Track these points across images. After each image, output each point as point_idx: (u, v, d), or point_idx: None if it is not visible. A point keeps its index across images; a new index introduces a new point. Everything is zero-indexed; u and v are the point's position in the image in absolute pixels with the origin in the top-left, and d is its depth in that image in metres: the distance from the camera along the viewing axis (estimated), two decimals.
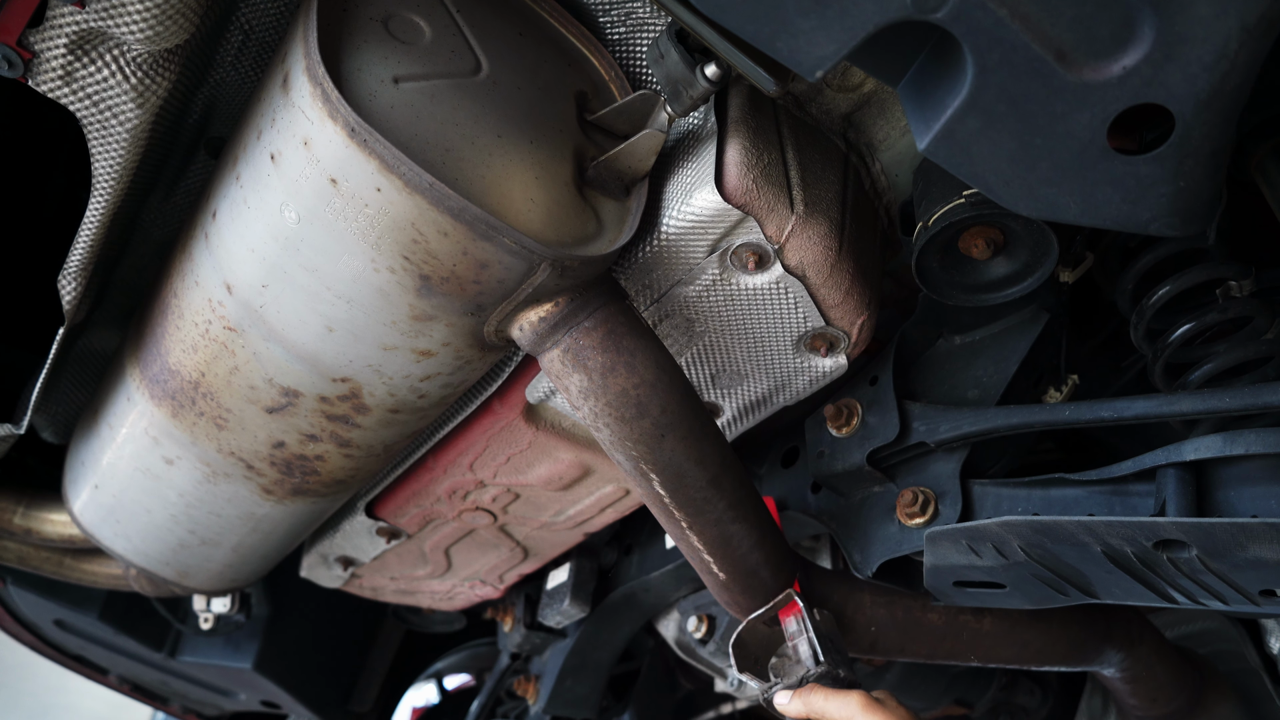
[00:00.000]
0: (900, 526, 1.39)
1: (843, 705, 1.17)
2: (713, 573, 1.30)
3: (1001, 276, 1.30)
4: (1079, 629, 1.58)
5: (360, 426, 1.34)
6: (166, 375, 1.36)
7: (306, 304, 1.14)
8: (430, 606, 2.18)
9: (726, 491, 1.21)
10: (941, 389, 1.45)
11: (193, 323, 1.27)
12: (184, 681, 2.56)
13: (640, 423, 1.14)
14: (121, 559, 1.75)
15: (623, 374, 1.12)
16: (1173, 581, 1.18)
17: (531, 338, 1.15)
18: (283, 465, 1.44)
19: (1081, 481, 1.25)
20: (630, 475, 1.20)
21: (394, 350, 1.19)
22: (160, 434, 1.45)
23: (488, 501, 1.72)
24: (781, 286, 1.24)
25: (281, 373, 1.25)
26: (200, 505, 1.57)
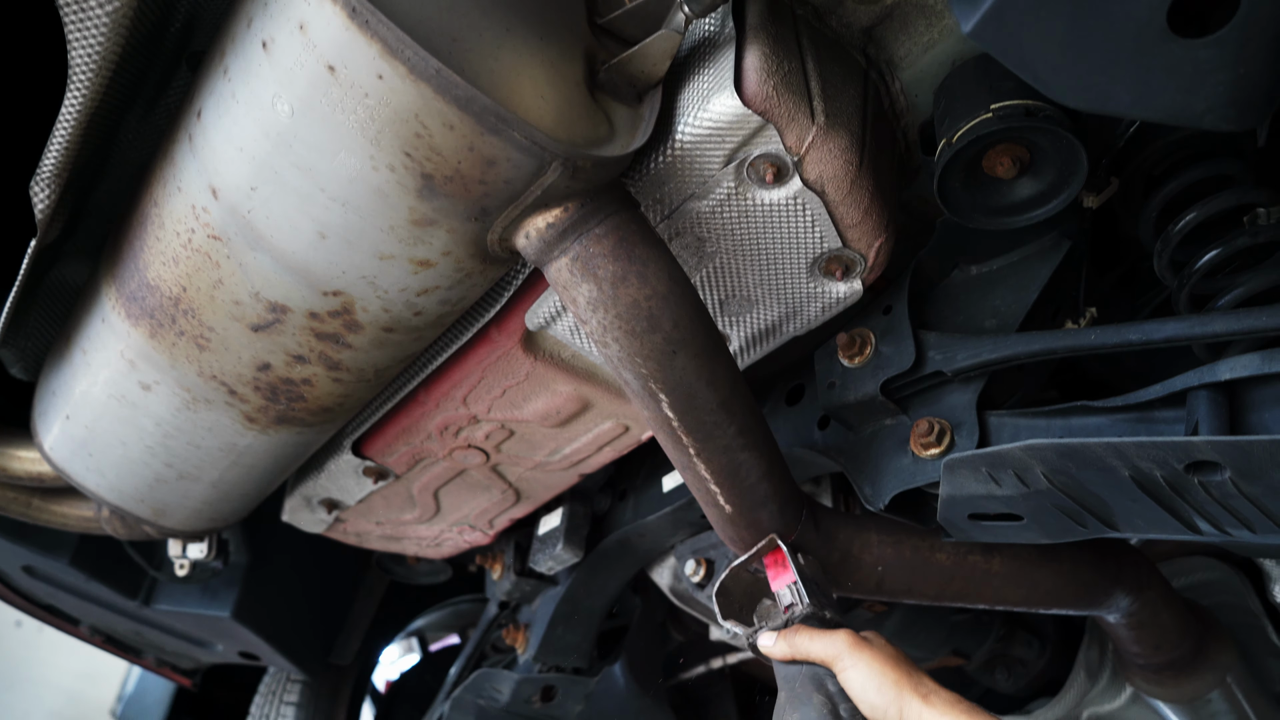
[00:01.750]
0: (914, 458, 1.35)
1: (829, 644, 1.13)
2: (718, 505, 1.25)
3: (1026, 198, 1.25)
4: (1089, 571, 1.55)
5: (351, 347, 1.27)
6: (144, 291, 1.28)
7: (298, 208, 1.07)
8: (417, 554, 2.12)
9: (737, 416, 1.16)
10: (957, 320, 1.40)
11: (174, 232, 1.19)
12: (159, 632, 2.48)
13: (651, 337, 1.08)
14: (95, 496, 1.67)
15: (634, 284, 1.06)
16: (1201, 509, 1.14)
17: (538, 246, 1.08)
18: (267, 390, 1.37)
19: (1105, 409, 1.21)
20: (637, 397, 1.14)
21: (390, 260, 1.12)
22: (137, 357, 1.37)
23: (480, 439, 1.66)
24: (799, 202, 1.19)
25: (269, 285, 1.18)
26: (178, 435, 1.49)
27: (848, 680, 1.10)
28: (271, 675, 2.93)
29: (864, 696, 1.07)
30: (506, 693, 2.12)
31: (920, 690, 1.05)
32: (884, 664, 1.09)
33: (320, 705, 2.80)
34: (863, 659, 1.10)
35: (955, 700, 1.05)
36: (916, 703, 1.04)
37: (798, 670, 1.15)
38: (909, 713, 1.04)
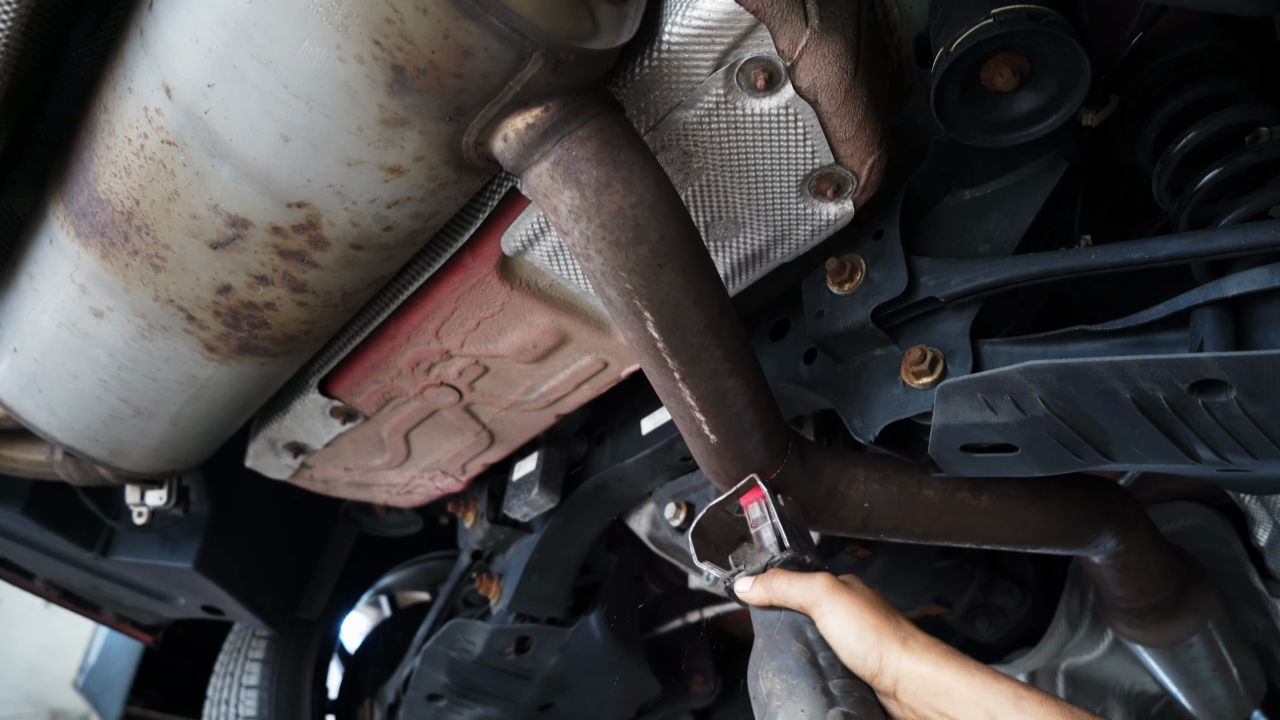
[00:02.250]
0: (905, 388, 1.30)
1: (807, 588, 1.08)
2: (703, 435, 1.20)
3: (1026, 112, 1.20)
4: (1078, 509, 1.52)
5: (317, 266, 1.20)
6: (95, 207, 1.20)
7: (259, 106, 0.99)
8: (387, 502, 2.05)
9: (724, 339, 1.10)
10: (950, 246, 1.35)
11: (125, 138, 1.11)
12: (118, 585, 2.40)
13: (637, 249, 1.02)
14: (46, 435, 1.58)
15: (619, 191, 1.00)
16: (1203, 433, 1.10)
17: (517, 149, 1.01)
18: (228, 315, 1.29)
19: (1104, 332, 1.17)
20: (621, 316, 1.08)
21: (359, 166, 1.05)
22: (88, 280, 1.29)
23: (453, 376, 1.59)
24: (791, 113, 1.13)
25: (228, 196, 1.11)
26: (134, 367, 1.41)
27: (826, 626, 1.05)
28: (236, 632, 2.86)
29: (843, 642, 1.03)
30: (480, 644, 2.06)
31: (899, 634, 1.02)
32: (863, 608, 1.05)
33: (286, 661, 2.73)
34: (841, 603, 1.05)
35: (934, 643, 1.01)
36: (896, 647, 1.00)
37: (775, 616, 1.10)
38: (888, 658, 1.00)
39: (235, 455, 1.95)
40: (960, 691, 0.96)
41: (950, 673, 0.97)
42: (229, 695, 2.69)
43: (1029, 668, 2.21)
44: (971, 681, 0.96)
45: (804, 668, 1.01)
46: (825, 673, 1.00)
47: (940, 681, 0.97)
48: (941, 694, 0.96)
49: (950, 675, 0.97)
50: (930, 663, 0.99)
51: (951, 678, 0.97)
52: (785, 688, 0.99)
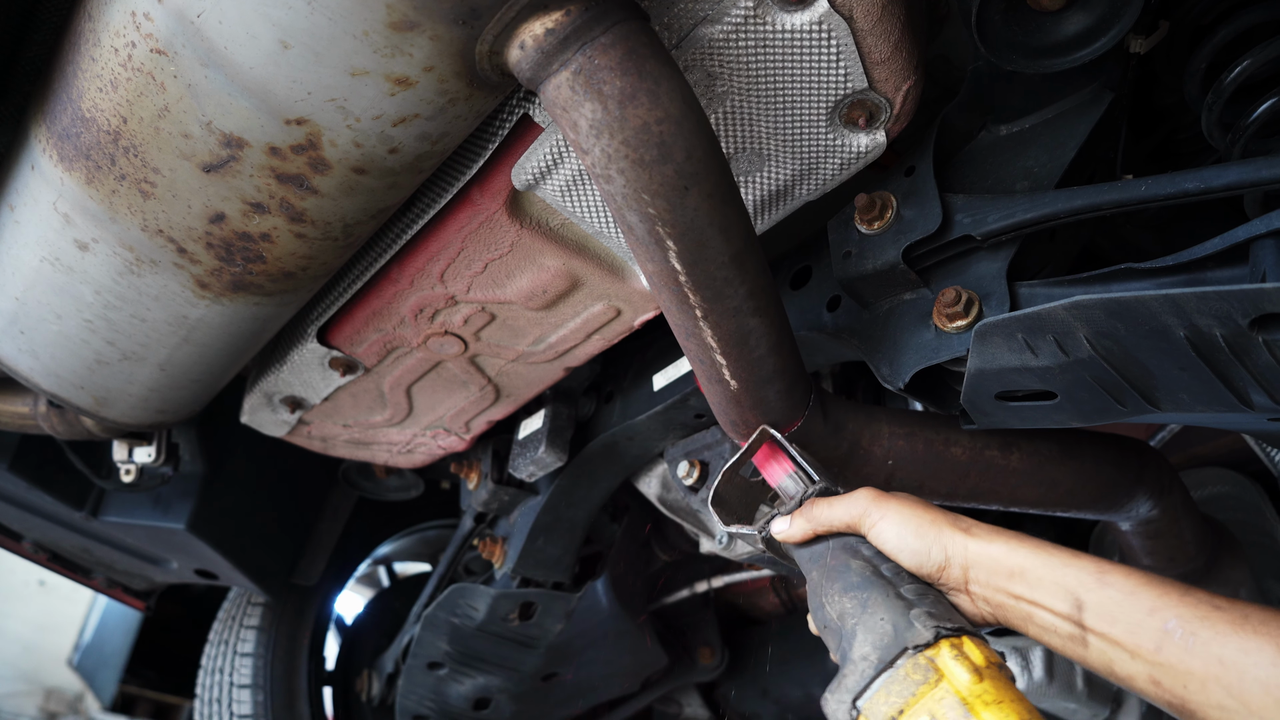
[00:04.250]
0: (936, 332, 1.23)
1: (851, 505, 1.03)
2: (723, 380, 1.13)
3: (1073, 34, 1.12)
4: (1111, 470, 1.45)
5: (317, 192, 1.13)
6: (79, 126, 1.12)
7: (256, 7, 0.91)
8: (387, 462, 1.98)
9: (749, 274, 1.03)
10: (985, 184, 1.28)
11: (111, 49, 1.03)
12: (108, 548, 2.33)
13: (662, 169, 0.94)
14: (28, 381, 1.51)
15: (645, 104, 0.92)
16: (1260, 375, 1.03)
17: (535, 58, 0.94)
18: (221, 247, 1.22)
19: (1153, 270, 1.10)
20: (641, 245, 1.00)
21: (364, 77, 0.97)
22: (72, 208, 1.21)
23: (458, 324, 1.52)
24: (824, 29, 1.05)
25: (223, 112, 1.03)
26: (121, 305, 1.34)
27: (880, 534, 0.99)
28: (232, 599, 2.79)
29: (902, 544, 0.97)
30: (482, 610, 2.00)
31: (960, 524, 0.96)
32: (915, 507, 0.99)
33: (283, 629, 2.67)
34: (891, 508, 1.00)
35: (999, 529, 0.95)
36: (959, 536, 0.94)
37: (824, 546, 1.03)
38: (953, 547, 0.94)
39: (230, 412, 1.88)
40: (1036, 571, 0.89)
41: (1025, 552, 0.91)
42: (223, 663, 2.63)
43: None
44: (1049, 560, 0.89)
45: (870, 580, 0.95)
46: (893, 580, 0.94)
47: (1014, 561, 0.90)
48: (1016, 575, 0.90)
49: (1025, 555, 0.90)
50: (1001, 544, 0.92)
51: (1026, 557, 0.90)
52: (856, 603, 0.92)
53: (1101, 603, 0.85)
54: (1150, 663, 0.81)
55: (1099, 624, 0.85)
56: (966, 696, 0.78)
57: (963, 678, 0.80)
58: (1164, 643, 0.80)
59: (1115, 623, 0.84)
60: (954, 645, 0.84)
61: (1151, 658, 0.81)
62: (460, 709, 2.28)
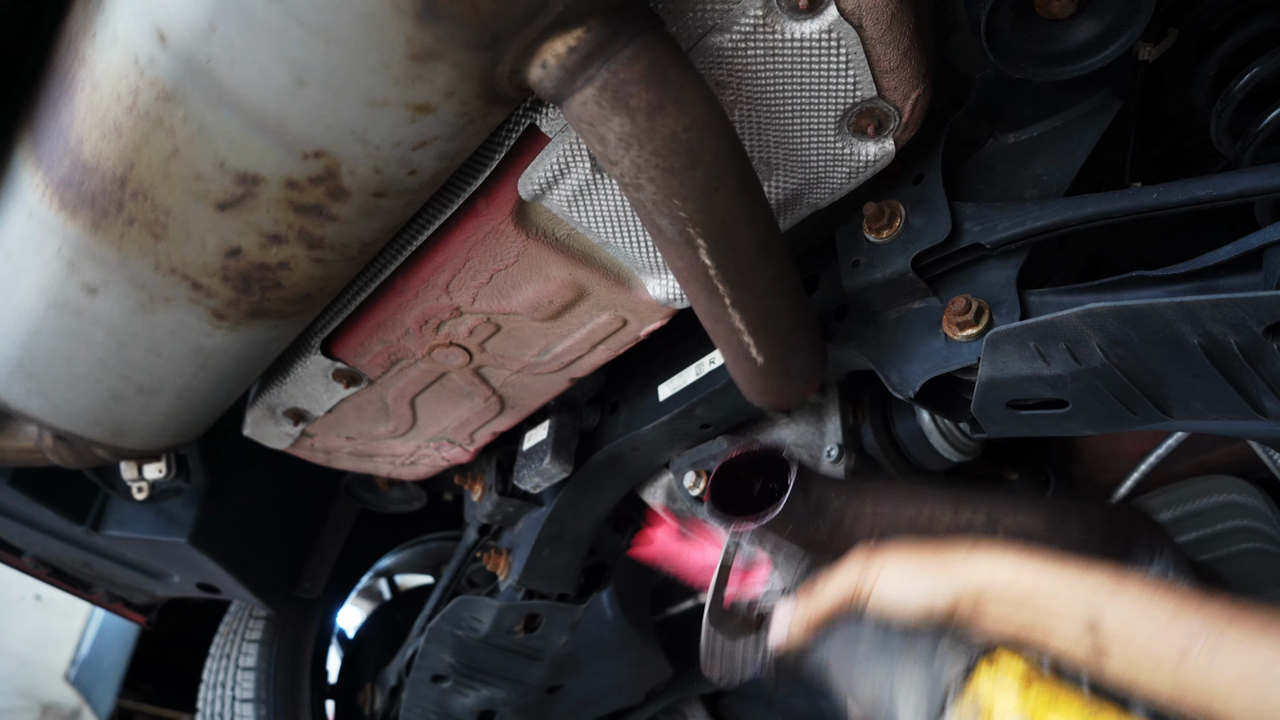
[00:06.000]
0: (946, 341, 1.23)
1: (847, 568, 1.01)
2: (750, 358, 1.17)
3: (1082, 42, 1.12)
4: (1098, 540, 1.42)
5: (336, 219, 1.11)
6: (81, 174, 1.09)
7: (270, 48, 0.90)
8: (390, 474, 1.97)
9: (774, 259, 1.05)
10: (993, 192, 1.27)
11: (113, 95, 1.00)
12: (109, 562, 2.31)
13: (692, 174, 0.95)
14: (40, 423, 1.48)
15: (672, 114, 0.92)
16: (1274, 382, 1.03)
17: (558, 76, 0.93)
18: (238, 280, 1.20)
19: (1165, 278, 1.09)
20: (671, 245, 1.02)
21: (384, 107, 0.96)
22: (78, 255, 1.18)
23: (463, 335, 1.51)
24: (833, 37, 1.05)
25: (236, 151, 1.01)
26: (135, 344, 1.31)
27: (884, 587, 0.97)
28: (233, 612, 2.78)
29: (909, 589, 0.95)
30: (487, 622, 1.98)
31: (960, 550, 0.94)
32: (910, 549, 0.97)
33: (285, 643, 2.65)
34: (888, 558, 0.98)
35: (1003, 549, 0.93)
36: (965, 565, 0.92)
37: (827, 637, 1.00)
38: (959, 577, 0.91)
39: (232, 424, 1.86)
40: (1049, 589, 0.87)
41: (1034, 571, 0.88)
42: (225, 678, 2.61)
43: None
44: (1060, 576, 0.87)
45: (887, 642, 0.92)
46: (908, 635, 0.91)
47: (1024, 583, 0.88)
48: (1029, 597, 0.87)
49: (1035, 573, 0.88)
50: (1009, 566, 0.90)
51: (1036, 576, 0.88)
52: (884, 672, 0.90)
53: (1118, 617, 0.84)
54: (1173, 674, 0.80)
55: (1117, 639, 0.83)
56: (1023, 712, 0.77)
57: (1011, 696, 0.79)
58: (1186, 653, 0.79)
59: (1134, 636, 0.83)
60: (989, 664, 0.82)
61: (1174, 669, 0.80)
62: None
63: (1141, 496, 2.03)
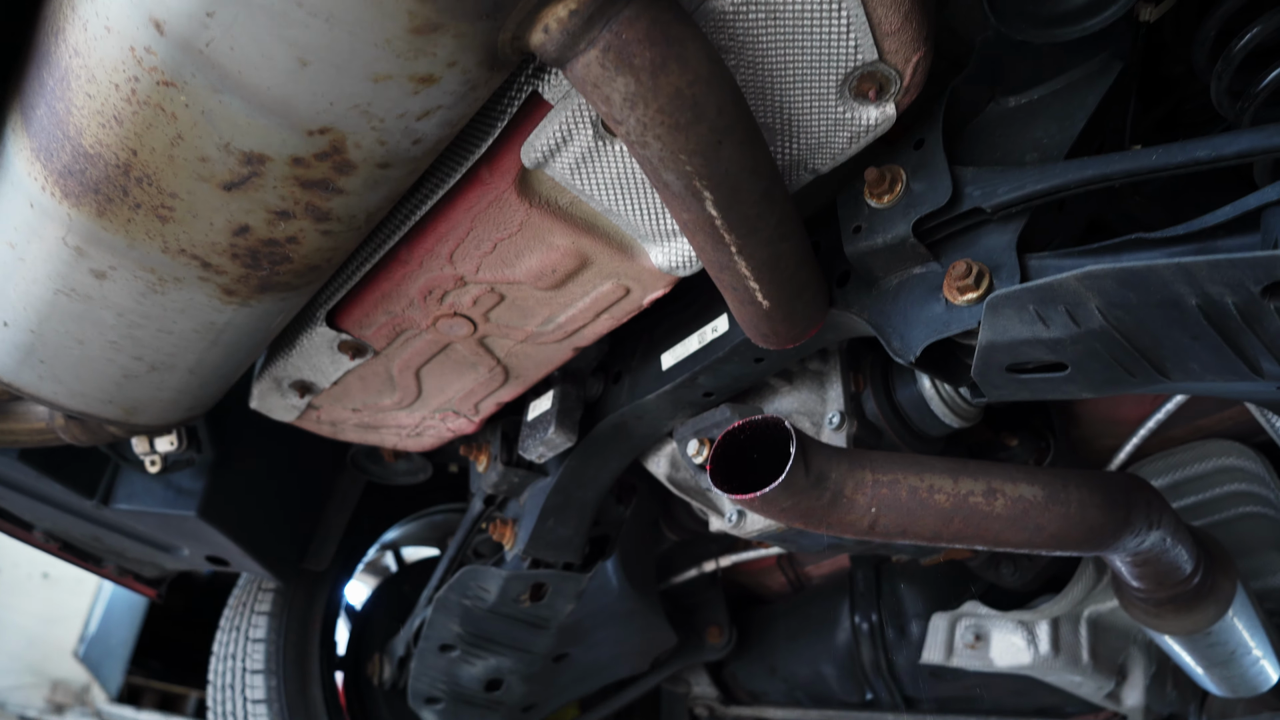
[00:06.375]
0: (947, 305, 1.24)
1: None
2: (755, 302, 1.22)
3: (1082, 4, 1.12)
4: (1097, 513, 1.42)
5: (343, 192, 1.12)
6: (83, 163, 1.09)
7: (270, 31, 0.90)
8: (396, 445, 1.99)
9: (778, 204, 1.09)
10: (994, 156, 1.28)
11: (111, 85, 0.99)
12: (119, 535, 2.34)
13: (696, 128, 0.97)
14: (53, 405, 1.49)
15: (675, 70, 0.94)
16: (1271, 343, 1.04)
17: (560, 40, 0.94)
18: (247, 256, 1.21)
19: (1164, 240, 1.10)
20: (677, 198, 1.04)
21: (387, 81, 0.96)
22: (85, 241, 1.18)
23: (467, 305, 1.52)
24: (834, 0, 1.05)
25: (241, 133, 1.01)
26: (146, 323, 1.32)
27: None
28: (242, 585, 2.81)
29: None
30: (494, 591, 2.01)
31: None
32: None
33: (294, 615, 2.68)
34: None
35: None
36: None
37: None
38: None
39: (238, 397, 1.88)
40: None
41: None
42: (235, 649, 2.64)
43: (1053, 614, 2.16)
44: None
45: None
46: None
47: None
48: None
49: None
50: None
51: None
52: None
53: None
54: None
55: None
56: None
57: None
58: None
59: None
60: None
61: None
62: (472, 690, 2.29)
63: (1140, 461, 2.04)
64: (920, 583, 2.41)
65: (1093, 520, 1.42)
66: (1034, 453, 1.91)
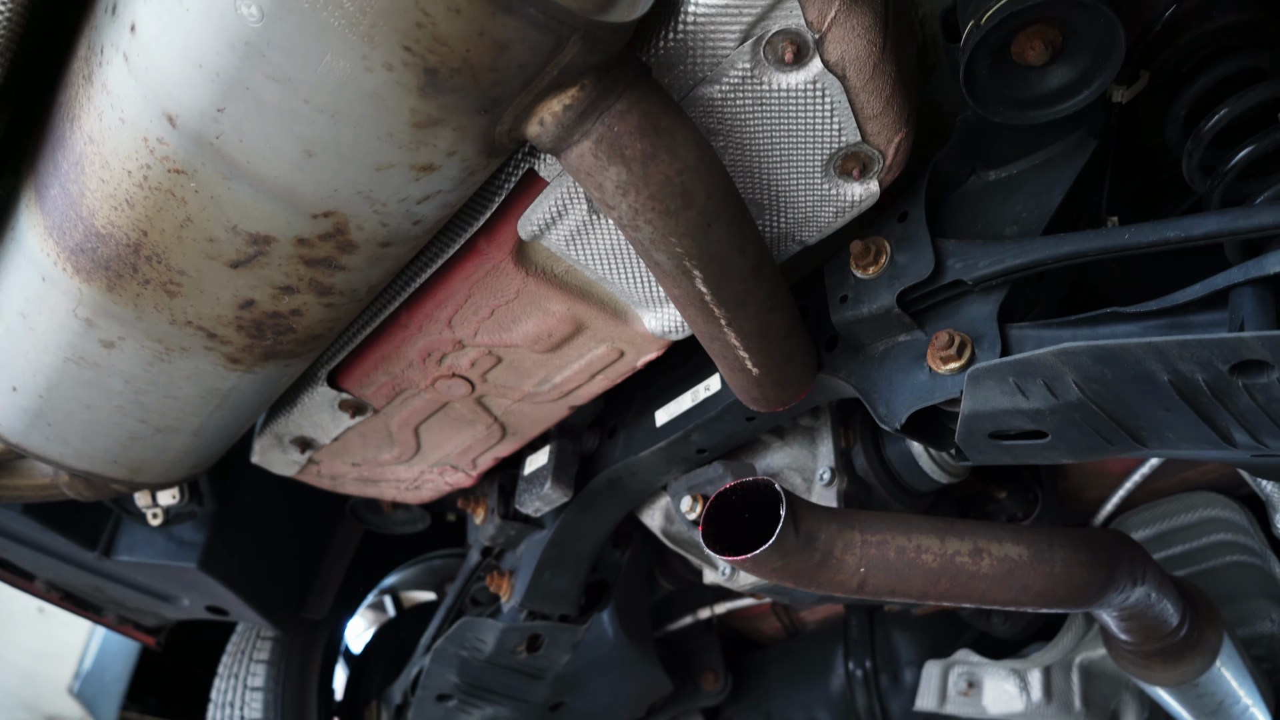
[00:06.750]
0: (931, 374, 1.27)
1: None
2: (745, 370, 1.25)
3: (1057, 88, 1.17)
4: (1082, 571, 1.43)
5: (345, 269, 1.16)
6: (95, 242, 1.13)
7: (278, 125, 0.94)
8: (395, 498, 2.02)
9: (766, 279, 1.13)
10: (975, 228, 1.32)
11: (123, 171, 1.04)
12: (120, 586, 2.36)
13: (686, 213, 1.01)
14: (59, 465, 1.53)
15: (664, 160, 0.98)
16: (1241, 417, 1.08)
17: (555, 132, 0.98)
18: (252, 328, 1.25)
19: (1137, 314, 1.14)
20: (668, 277, 1.08)
21: (389, 170, 1.00)
22: (94, 314, 1.23)
23: (465, 367, 1.56)
24: (818, 88, 1.10)
25: (248, 217, 1.06)
26: (153, 390, 1.37)
27: None
28: (240, 633, 2.82)
29: None
30: (490, 643, 2.03)
31: None
32: None
33: (292, 663, 2.69)
34: None
35: None
36: None
37: None
38: None
39: (239, 451, 1.91)
40: None
41: None
42: (233, 697, 2.65)
43: (1044, 662, 2.17)
44: None
45: None
46: None
47: None
48: None
49: None
50: None
51: None
52: None
53: None
54: None
55: None
56: None
57: None
58: None
59: None
60: None
61: None
62: None
63: (1127, 512, 2.07)
64: (914, 630, 2.43)
65: (1077, 578, 1.44)
66: (1022, 505, 1.94)
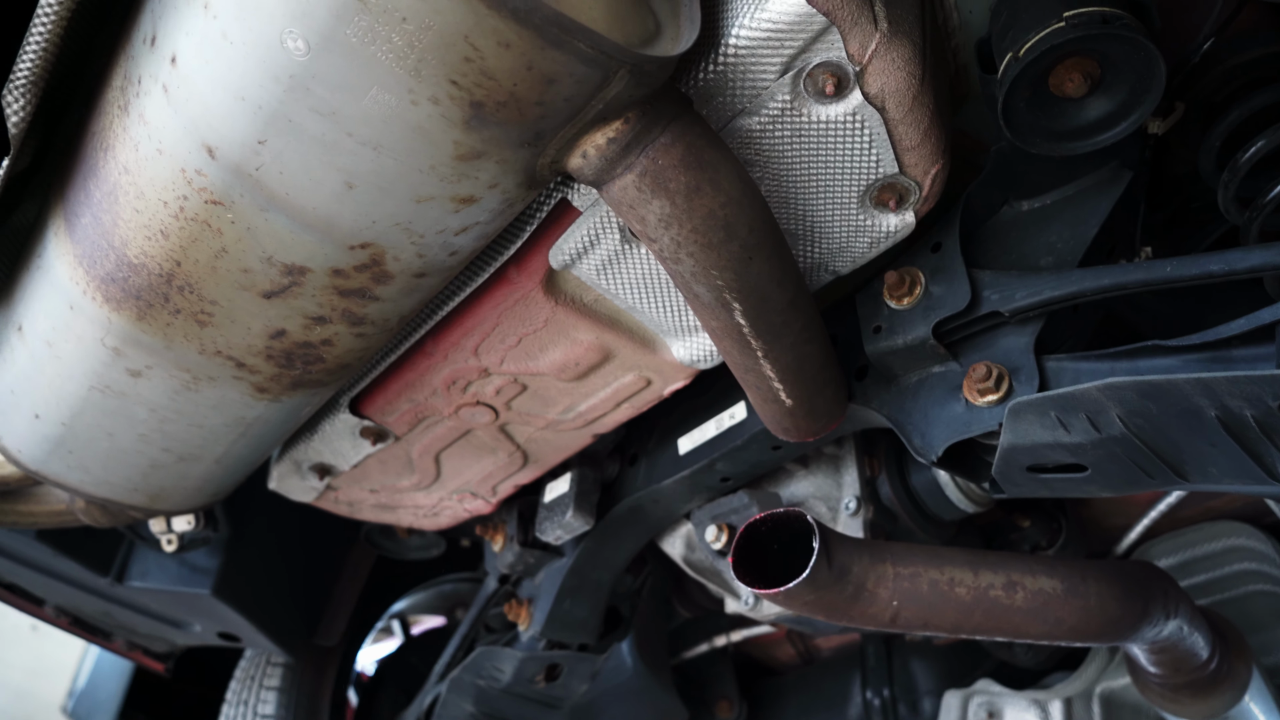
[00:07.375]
0: (968, 406, 1.26)
1: None
2: (779, 401, 1.24)
3: (1095, 119, 1.16)
4: (1115, 605, 1.42)
5: (379, 299, 1.15)
6: (126, 272, 1.12)
7: (320, 158, 0.93)
8: (413, 524, 1.99)
9: (802, 311, 1.13)
10: (1009, 259, 1.31)
11: (159, 202, 1.03)
12: (131, 612, 2.33)
13: (729, 247, 1.01)
14: (79, 493, 1.51)
15: (708, 193, 0.97)
16: None
17: (598, 165, 0.97)
18: (282, 358, 1.24)
19: (1179, 348, 1.12)
20: (707, 309, 1.07)
21: (429, 202, 0.99)
22: (123, 343, 1.21)
23: (490, 395, 1.55)
24: (858, 120, 1.09)
25: (284, 248, 1.05)
26: (178, 419, 1.35)
27: None
28: (250, 659, 2.79)
29: None
30: (509, 672, 2.00)
31: None
32: None
33: (304, 689, 2.66)
34: None
35: None
36: None
37: None
38: None
39: (255, 476, 1.89)
40: None
41: None
42: None
43: (1067, 693, 2.15)
44: None
45: None
46: None
47: None
48: None
49: None
50: None
51: None
52: None
53: None
54: None
55: None
56: None
57: None
58: None
59: None
60: None
61: None
62: None
63: (1151, 540, 2.05)
64: (932, 658, 2.40)
65: (1112, 612, 1.42)
66: (1046, 533, 1.92)
